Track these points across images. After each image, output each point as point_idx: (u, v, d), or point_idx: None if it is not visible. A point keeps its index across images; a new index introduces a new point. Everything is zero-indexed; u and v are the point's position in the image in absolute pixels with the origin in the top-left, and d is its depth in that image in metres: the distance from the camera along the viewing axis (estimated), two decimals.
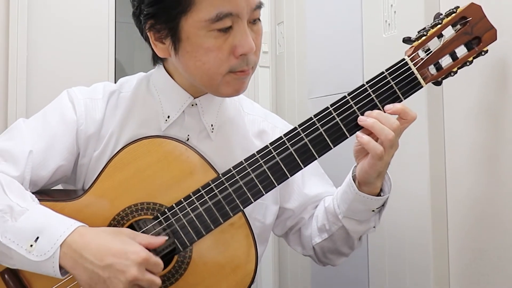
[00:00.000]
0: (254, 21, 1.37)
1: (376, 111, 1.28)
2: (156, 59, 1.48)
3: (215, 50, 1.33)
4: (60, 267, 1.21)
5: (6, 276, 1.32)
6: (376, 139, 1.27)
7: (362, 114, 1.28)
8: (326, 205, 1.57)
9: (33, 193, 1.40)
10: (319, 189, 1.64)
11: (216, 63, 1.34)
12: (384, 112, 1.28)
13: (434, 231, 1.66)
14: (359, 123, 1.29)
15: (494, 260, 1.46)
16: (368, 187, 1.39)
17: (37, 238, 1.21)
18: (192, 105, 1.48)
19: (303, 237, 1.65)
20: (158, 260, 1.25)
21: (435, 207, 1.66)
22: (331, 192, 1.63)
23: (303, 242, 1.65)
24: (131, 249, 1.22)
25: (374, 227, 1.51)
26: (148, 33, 1.38)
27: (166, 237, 1.32)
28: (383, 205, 1.46)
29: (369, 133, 1.28)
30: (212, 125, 1.50)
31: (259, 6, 1.35)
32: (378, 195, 1.42)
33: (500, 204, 1.44)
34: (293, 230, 1.68)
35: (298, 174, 1.48)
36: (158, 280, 1.24)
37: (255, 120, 1.63)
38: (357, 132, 1.30)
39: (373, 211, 1.44)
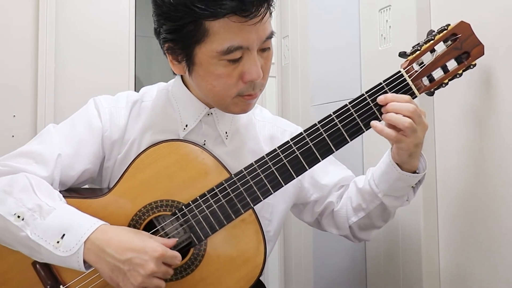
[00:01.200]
0: (264, 49, 1.37)
1: (390, 104, 1.29)
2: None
3: (224, 76, 1.33)
4: (84, 261, 1.23)
5: (37, 266, 1.33)
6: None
7: (362, 121, 1.30)
8: (360, 186, 1.58)
9: (62, 191, 1.42)
10: (339, 175, 1.66)
11: (226, 88, 1.35)
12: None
13: (425, 224, 1.66)
14: (383, 119, 1.31)
15: (481, 251, 1.47)
16: (405, 166, 1.40)
17: (63, 235, 1.23)
18: (208, 114, 1.48)
19: (337, 219, 1.65)
20: (174, 253, 1.27)
21: (427, 202, 1.67)
22: (349, 176, 1.66)
23: (338, 223, 1.65)
24: (149, 245, 1.24)
25: (407, 200, 1.52)
26: (166, 53, 1.39)
27: (177, 239, 1.34)
28: (419, 181, 1.46)
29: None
30: (226, 132, 1.51)
31: (270, 37, 1.35)
32: (414, 172, 1.43)
33: (485, 198, 1.45)
34: (325, 214, 1.68)
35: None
36: (171, 271, 1.27)
37: (265, 125, 1.63)
38: (371, 122, 1.31)
39: (412, 187, 1.46)
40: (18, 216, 1.25)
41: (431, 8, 1.67)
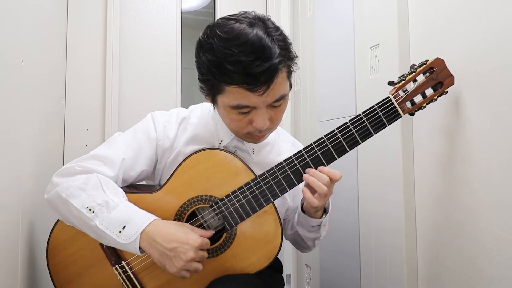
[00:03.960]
0: (274, 106, 1.31)
1: (313, 171, 1.30)
2: None
3: (236, 121, 1.32)
4: (140, 247, 1.25)
5: (104, 246, 1.36)
6: (314, 191, 1.30)
7: (359, 135, 1.29)
8: None
9: (124, 186, 1.44)
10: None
11: (238, 128, 1.35)
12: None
13: (406, 222, 1.65)
14: (303, 179, 1.31)
15: (451, 244, 1.46)
16: (310, 214, 1.43)
17: (124, 226, 1.25)
18: None
19: (285, 228, 1.64)
20: (208, 242, 1.30)
21: (407, 204, 1.66)
22: None
23: (285, 231, 1.63)
24: (190, 236, 1.26)
25: (319, 237, 1.52)
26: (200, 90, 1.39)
27: (213, 231, 1.35)
28: (321, 224, 1.47)
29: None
30: (253, 149, 1.50)
31: (279, 99, 1.29)
32: (322, 216, 1.45)
33: (453, 201, 1.44)
34: (285, 221, 1.66)
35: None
36: (206, 255, 1.30)
37: (287, 145, 1.60)
38: (303, 188, 1.32)
39: (312, 226, 1.46)
40: (90, 209, 1.28)
41: (410, 47, 1.67)
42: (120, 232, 1.25)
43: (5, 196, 1.33)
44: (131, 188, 1.46)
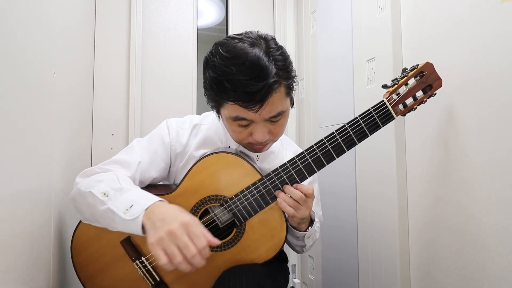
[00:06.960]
0: (273, 121, 1.28)
1: (282, 194, 1.28)
2: None
3: (237, 132, 1.30)
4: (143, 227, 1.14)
5: (124, 243, 1.33)
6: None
7: (356, 137, 1.26)
8: None
9: (142, 187, 1.40)
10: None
11: (240, 138, 1.32)
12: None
13: (399, 220, 1.65)
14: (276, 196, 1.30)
15: (439, 242, 1.45)
16: (294, 226, 1.39)
17: (132, 205, 1.16)
18: None
19: None
20: (198, 232, 1.10)
21: (400, 202, 1.65)
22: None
23: None
24: (182, 214, 1.12)
25: (304, 246, 1.47)
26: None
27: (220, 242, 1.30)
28: (305, 236, 1.42)
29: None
30: (257, 156, 1.47)
31: (276, 116, 1.26)
32: (307, 229, 1.41)
33: (443, 203, 1.42)
34: None
35: None
36: (192, 248, 1.07)
37: (289, 154, 1.56)
38: (276, 191, 1.29)
39: (297, 237, 1.42)
40: (105, 194, 1.21)
41: (403, 60, 1.68)
42: (127, 210, 1.16)
43: (39, 196, 1.33)
44: (149, 188, 1.44)
